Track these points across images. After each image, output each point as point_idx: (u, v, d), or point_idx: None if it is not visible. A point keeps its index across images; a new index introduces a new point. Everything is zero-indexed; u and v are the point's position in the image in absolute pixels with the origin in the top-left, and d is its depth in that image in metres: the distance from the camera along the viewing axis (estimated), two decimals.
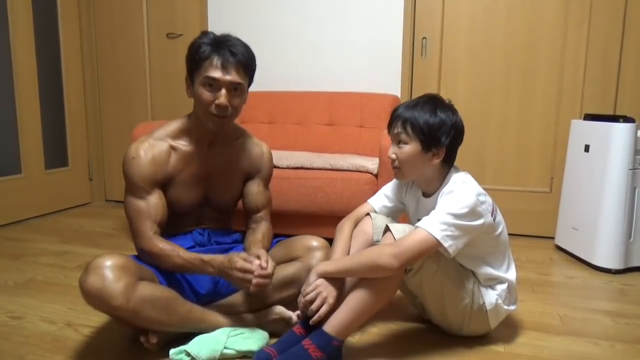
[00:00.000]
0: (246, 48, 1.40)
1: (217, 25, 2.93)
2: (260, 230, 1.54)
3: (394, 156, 1.37)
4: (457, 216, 1.24)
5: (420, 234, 1.23)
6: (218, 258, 1.31)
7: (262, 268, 1.26)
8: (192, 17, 3.03)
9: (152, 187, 1.39)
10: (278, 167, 2.18)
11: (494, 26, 2.56)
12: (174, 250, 1.32)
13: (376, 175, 2.18)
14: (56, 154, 3.11)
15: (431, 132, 1.32)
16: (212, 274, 1.33)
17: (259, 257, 1.29)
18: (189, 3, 3.03)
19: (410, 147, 1.33)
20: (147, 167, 1.38)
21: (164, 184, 1.42)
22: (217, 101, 1.35)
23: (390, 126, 1.40)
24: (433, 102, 1.37)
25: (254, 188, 1.59)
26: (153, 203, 1.38)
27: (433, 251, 1.26)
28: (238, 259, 1.28)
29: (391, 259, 1.21)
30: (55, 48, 3.07)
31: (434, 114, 1.33)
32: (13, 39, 2.73)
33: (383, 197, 1.56)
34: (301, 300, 1.29)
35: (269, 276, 1.28)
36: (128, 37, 3.19)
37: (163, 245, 1.33)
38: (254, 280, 1.25)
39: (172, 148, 1.43)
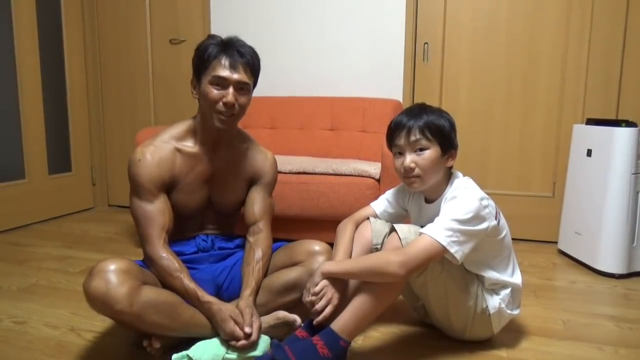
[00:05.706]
0: (253, 50, 1.45)
1: (220, 31, 2.89)
2: (257, 251, 1.47)
3: (413, 165, 1.33)
4: (461, 222, 1.24)
5: (425, 241, 1.23)
6: (214, 306, 1.28)
7: (247, 335, 1.24)
8: (195, 22, 3.05)
9: (158, 190, 1.39)
10: (281, 172, 2.17)
11: (496, 31, 2.57)
12: (179, 272, 1.31)
13: (378, 180, 2.18)
14: (59, 159, 3.13)
15: (447, 134, 1.35)
16: (200, 310, 1.30)
17: (244, 315, 1.28)
18: (191, 9, 3.05)
19: (432, 152, 1.33)
20: (154, 169, 1.39)
21: (169, 187, 1.43)
22: (224, 99, 1.37)
23: (395, 137, 1.37)
24: (429, 107, 1.39)
25: (253, 195, 1.57)
26: (160, 208, 1.38)
27: (439, 258, 1.26)
28: (230, 319, 1.25)
29: (398, 268, 1.21)
30: (59, 54, 3.09)
31: (442, 117, 1.36)
32: (17, 46, 2.75)
33: (386, 202, 1.56)
34: (306, 298, 1.30)
35: (254, 344, 1.26)
36: (131, 43, 3.21)
37: (169, 263, 1.32)
38: (239, 343, 1.24)
39: (177, 150, 1.45)
